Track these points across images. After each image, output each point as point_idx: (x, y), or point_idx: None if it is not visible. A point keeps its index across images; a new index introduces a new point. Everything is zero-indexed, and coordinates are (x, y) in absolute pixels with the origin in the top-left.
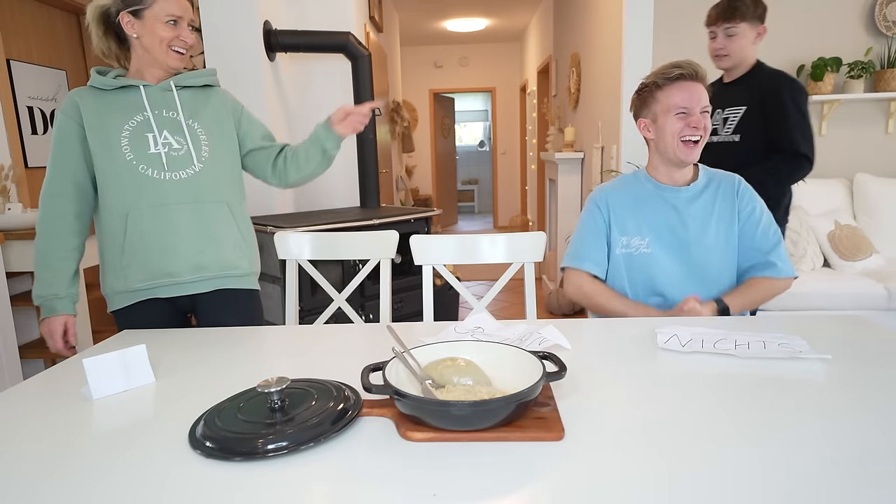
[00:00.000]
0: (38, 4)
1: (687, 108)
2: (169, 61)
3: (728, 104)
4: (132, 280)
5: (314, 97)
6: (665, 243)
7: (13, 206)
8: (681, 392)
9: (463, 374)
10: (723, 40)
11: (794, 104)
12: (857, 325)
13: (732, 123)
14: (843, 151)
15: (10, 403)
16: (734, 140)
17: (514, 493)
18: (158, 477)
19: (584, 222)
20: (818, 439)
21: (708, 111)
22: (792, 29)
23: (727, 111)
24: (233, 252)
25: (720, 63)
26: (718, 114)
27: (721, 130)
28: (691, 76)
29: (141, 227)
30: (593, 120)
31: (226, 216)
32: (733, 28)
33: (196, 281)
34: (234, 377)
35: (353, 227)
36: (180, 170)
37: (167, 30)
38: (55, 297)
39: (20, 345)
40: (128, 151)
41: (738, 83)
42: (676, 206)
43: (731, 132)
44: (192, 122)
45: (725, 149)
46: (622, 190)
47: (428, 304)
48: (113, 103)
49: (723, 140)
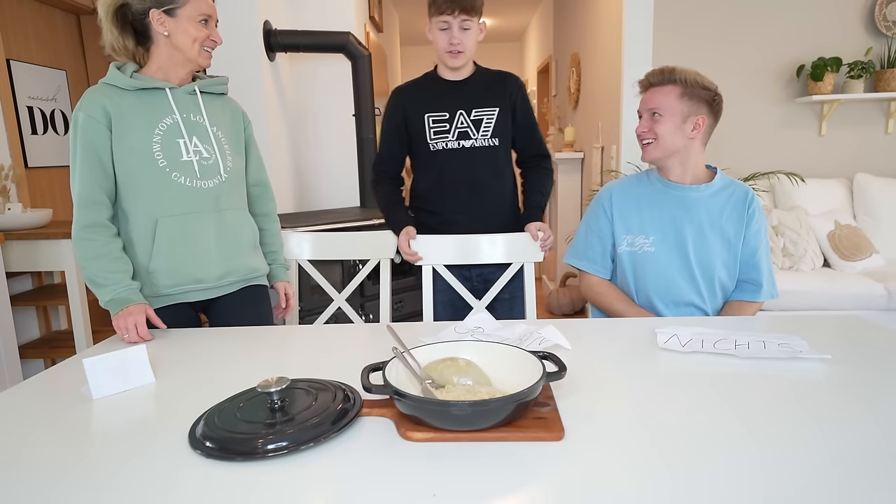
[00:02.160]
0: (38, 4)
1: (641, 112)
2: (200, 60)
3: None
4: (160, 286)
5: (314, 97)
6: (670, 242)
7: (13, 206)
8: (681, 392)
9: (463, 374)
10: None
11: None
12: (857, 325)
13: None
14: (843, 151)
15: (10, 403)
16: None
17: (514, 493)
18: (158, 477)
19: (587, 220)
20: (818, 439)
21: (655, 111)
22: (792, 29)
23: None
24: (255, 255)
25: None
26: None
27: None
28: (647, 85)
29: (171, 234)
30: (593, 120)
31: (248, 222)
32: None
33: (223, 286)
34: (234, 377)
35: (353, 227)
36: (210, 178)
37: (200, 29)
38: (127, 288)
39: (20, 345)
40: (161, 158)
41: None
42: (685, 203)
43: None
44: (216, 130)
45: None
46: (629, 187)
47: (428, 304)
48: (137, 105)
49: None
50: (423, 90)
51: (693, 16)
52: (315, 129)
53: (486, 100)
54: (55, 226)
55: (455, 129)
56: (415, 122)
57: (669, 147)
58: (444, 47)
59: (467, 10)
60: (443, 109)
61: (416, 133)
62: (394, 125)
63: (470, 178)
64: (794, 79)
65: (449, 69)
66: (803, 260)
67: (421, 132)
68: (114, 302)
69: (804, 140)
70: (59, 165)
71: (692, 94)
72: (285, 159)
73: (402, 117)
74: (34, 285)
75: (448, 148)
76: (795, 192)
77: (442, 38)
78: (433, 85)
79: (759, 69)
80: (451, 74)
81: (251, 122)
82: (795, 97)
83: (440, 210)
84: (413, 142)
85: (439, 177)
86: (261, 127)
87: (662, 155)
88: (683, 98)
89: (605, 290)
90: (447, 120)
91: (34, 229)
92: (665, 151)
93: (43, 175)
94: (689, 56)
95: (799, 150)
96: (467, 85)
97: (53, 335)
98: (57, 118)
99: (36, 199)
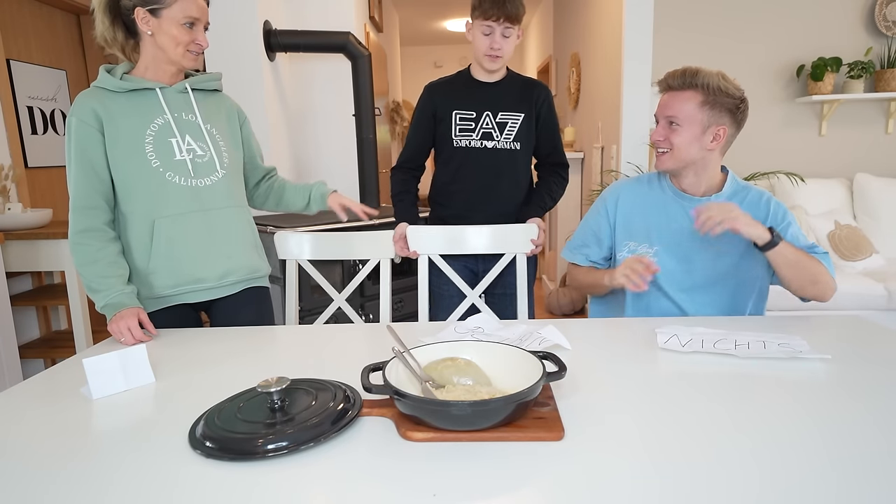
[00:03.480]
0: (38, 4)
1: (658, 117)
2: (184, 62)
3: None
4: (159, 287)
5: (314, 97)
6: (673, 253)
7: (13, 206)
8: (681, 392)
9: (463, 374)
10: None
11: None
12: (857, 325)
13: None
14: (843, 151)
15: (10, 403)
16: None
17: (514, 493)
18: (158, 477)
19: (588, 217)
20: (818, 439)
21: (673, 119)
22: (792, 29)
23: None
24: (255, 255)
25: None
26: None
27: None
28: (666, 87)
29: (168, 234)
30: (593, 120)
31: (246, 220)
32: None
33: (223, 286)
34: (234, 377)
35: (353, 227)
36: (205, 176)
37: (184, 32)
38: (121, 293)
39: (20, 345)
40: (153, 158)
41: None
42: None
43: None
44: (210, 127)
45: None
46: (638, 191)
47: (423, 297)
48: (128, 106)
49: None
50: (454, 87)
51: (693, 16)
52: (315, 129)
53: (513, 104)
54: (55, 226)
55: (480, 128)
56: (443, 116)
57: (685, 159)
58: (484, 50)
59: (511, 19)
60: (470, 108)
61: (443, 127)
62: (423, 118)
63: (487, 178)
64: (794, 79)
65: (484, 71)
66: None
67: (447, 127)
68: (108, 307)
69: (804, 140)
70: (59, 165)
71: (714, 101)
72: (285, 159)
73: (432, 111)
74: (34, 285)
75: (470, 146)
76: (795, 192)
77: (483, 42)
78: (465, 84)
79: (760, 69)
80: (485, 76)
81: (247, 118)
82: (795, 97)
83: (454, 204)
84: (438, 136)
85: (457, 172)
86: (261, 127)
87: (676, 166)
88: (704, 107)
89: (579, 271)
90: (473, 119)
91: (34, 229)
92: (680, 163)
93: (43, 175)
94: (689, 56)
95: (799, 150)
96: (497, 88)
97: (53, 335)
98: (57, 118)
99: (36, 199)
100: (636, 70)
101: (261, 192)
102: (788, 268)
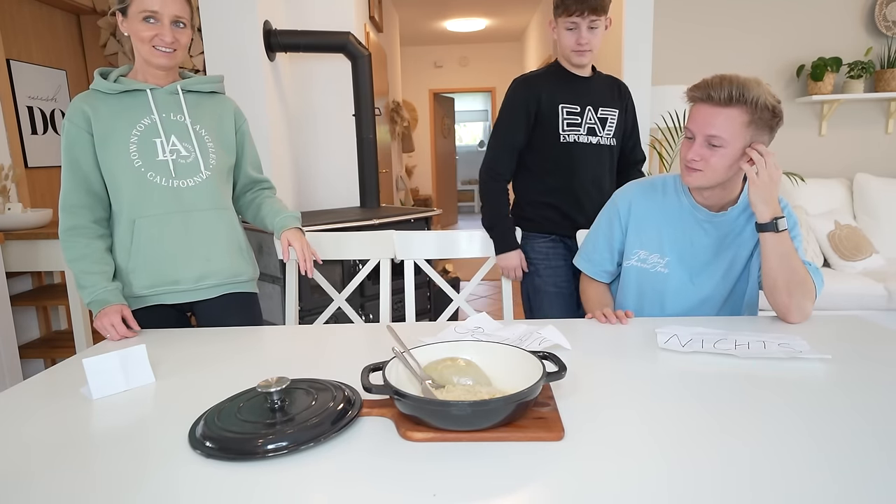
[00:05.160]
0: (38, 4)
1: (694, 132)
2: (153, 59)
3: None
4: (137, 287)
5: (314, 97)
6: (686, 265)
7: (13, 206)
8: (681, 392)
9: (463, 374)
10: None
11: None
12: (857, 325)
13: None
14: (843, 151)
15: (10, 403)
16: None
17: (514, 493)
18: (158, 477)
19: (600, 222)
20: (818, 439)
21: (714, 140)
22: (792, 29)
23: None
24: (238, 258)
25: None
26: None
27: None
28: (704, 99)
29: (148, 234)
30: None
31: (231, 223)
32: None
33: (201, 289)
34: (234, 377)
35: (353, 227)
36: (188, 177)
37: (145, 28)
38: (104, 290)
39: (20, 345)
40: (136, 158)
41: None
42: (708, 229)
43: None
44: (199, 128)
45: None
46: (653, 199)
47: (409, 297)
48: (119, 107)
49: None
50: (554, 81)
51: (693, 16)
52: (315, 129)
53: (610, 100)
54: (55, 226)
55: (585, 123)
56: (547, 111)
57: (719, 179)
58: (571, 46)
59: (596, 11)
60: (574, 102)
61: (547, 123)
62: (522, 114)
63: (597, 175)
64: (794, 79)
65: (574, 67)
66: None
67: (553, 122)
68: (93, 304)
69: (804, 140)
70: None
71: (759, 120)
72: (285, 159)
73: (536, 106)
74: (34, 285)
75: (580, 142)
76: (795, 192)
77: (569, 38)
78: (564, 77)
79: (759, 69)
80: (577, 71)
81: (247, 120)
82: (795, 97)
83: (568, 205)
84: (540, 133)
85: (571, 171)
86: (261, 127)
87: (709, 185)
88: (749, 126)
89: (585, 287)
90: (578, 113)
91: (34, 229)
92: (713, 182)
93: (43, 175)
94: (690, 56)
95: (799, 150)
96: (593, 82)
97: (53, 335)
98: (57, 118)
99: (36, 199)
100: (636, 70)
101: (245, 202)
102: (777, 258)
